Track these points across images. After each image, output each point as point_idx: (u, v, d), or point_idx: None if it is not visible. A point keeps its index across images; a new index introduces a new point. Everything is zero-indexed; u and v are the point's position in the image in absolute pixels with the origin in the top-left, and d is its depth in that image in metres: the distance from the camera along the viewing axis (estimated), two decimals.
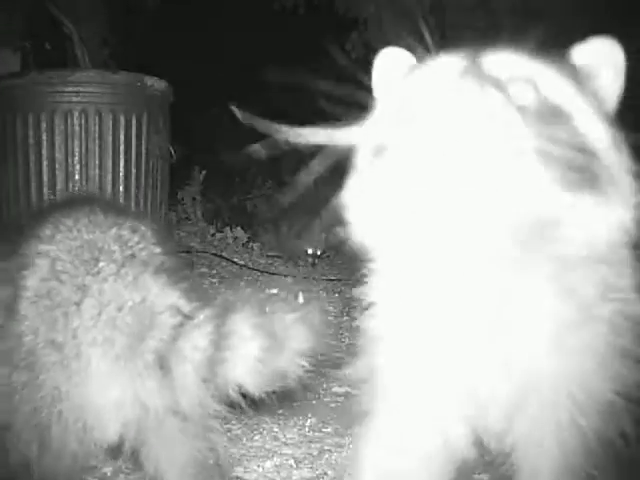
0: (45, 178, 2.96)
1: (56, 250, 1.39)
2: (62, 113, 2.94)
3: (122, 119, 3.01)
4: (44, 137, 2.93)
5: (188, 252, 4.15)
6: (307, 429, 1.97)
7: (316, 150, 0.74)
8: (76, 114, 2.95)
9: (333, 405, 2.15)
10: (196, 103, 4.57)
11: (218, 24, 5.34)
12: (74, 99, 2.95)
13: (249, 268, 4.07)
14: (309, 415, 2.06)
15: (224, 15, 5.44)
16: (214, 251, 4.34)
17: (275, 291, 1.33)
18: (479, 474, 1.44)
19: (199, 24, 5.37)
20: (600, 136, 0.68)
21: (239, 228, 4.63)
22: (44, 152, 2.95)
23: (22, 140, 2.97)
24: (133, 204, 3.05)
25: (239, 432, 2.01)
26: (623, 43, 0.74)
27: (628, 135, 0.71)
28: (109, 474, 1.91)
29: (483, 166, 0.63)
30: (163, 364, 1.32)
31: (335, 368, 1.06)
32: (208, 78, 5.03)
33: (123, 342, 1.33)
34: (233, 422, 1.97)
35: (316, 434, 1.96)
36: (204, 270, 3.97)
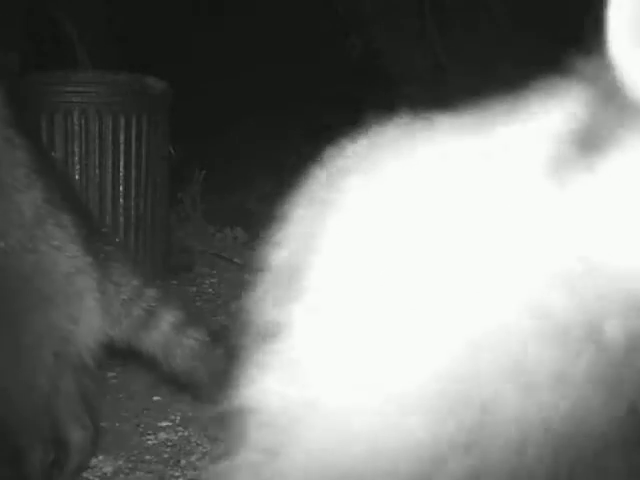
0: None
1: None
2: (62, 113, 2.94)
3: (122, 119, 3.00)
4: (44, 137, 2.93)
5: (188, 252, 4.15)
6: None
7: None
8: (76, 114, 2.94)
9: None
10: (197, 103, 4.58)
11: (219, 23, 5.34)
12: (74, 99, 2.95)
13: (249, 268, 4.06)
14: None
15: (225, 15, 5.44)
16: (214, 251, 4.34)
17: None
18: None
19: (199, 24, 5.37)
20: None
21: (239, 228, 4.63)
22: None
23: None
24: (133, 204, 3.05)
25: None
26: None
27: None
28: (109, 474, 1.91)
29: None
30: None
31: None
32: (210, 78, 5.04)
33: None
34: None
35: None
36: (204, 270, 3.97)
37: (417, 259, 0.58)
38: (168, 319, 1.86)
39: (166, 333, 1.85)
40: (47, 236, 1.75)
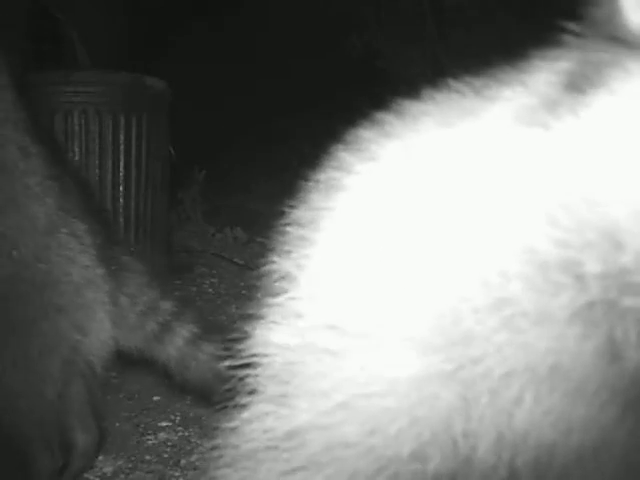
0: None
1: None
2: (62, 113, 2.94)
3: (122, 119, 3.00)
4: None
5: (188, 252, 4.15)
6: None
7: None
8: (76, 114, 2.94)
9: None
10: (197, 103, 4.57)
11: (219, 24, 5.35)
12: (74, 99, 2.95)
13: (249, 268, 4.07)
14: None
15: (225, 15, 5.44)
16: (214, 251, 4.34)
17: None
18: None
19: (199, 24, 5.37)
20: None
21: (239, 228, 4.63)
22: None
23: None
24: (133, 204, 3.05)
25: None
26: None
27: None
28: (109, 474, 1.91)
29: None
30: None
31: None
32: (209, 78, 5.04)
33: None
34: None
35: None
36: (204, 270, 3.97)
37: (414, 213, 0.61)
38: (183, 334, 1.85)
39: (181, 348, 1.84)
40: (59, 246, 1.73)
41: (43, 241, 1.72)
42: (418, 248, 0.59)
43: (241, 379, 0.67)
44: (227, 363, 0.69)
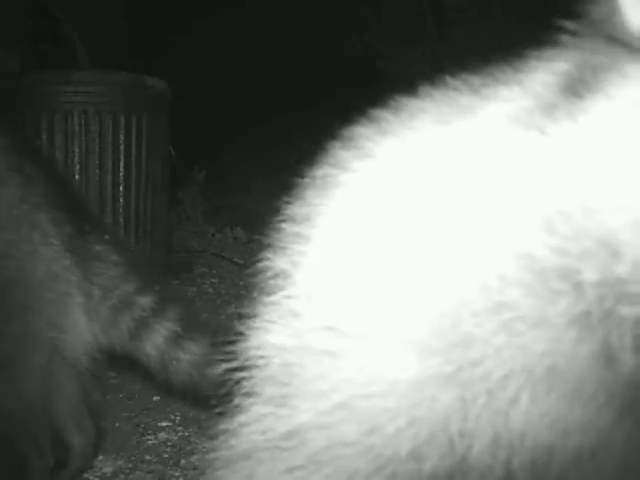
0: None
1: None
2: (62, 113, 2.94)
3: (122, 119, 3.00)
4: (44, 137, 2.93)
5: (188, 252, 4.15)
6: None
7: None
8: (76, 114, 2.94)
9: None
10: (197, 103, 4.58)
11: (219, 24, 5.35)
12: (74, 99, 2.95)
13: (249, 268, 4.06)
14: None
15: (224, 15, 5.45)
16: (214, 251, 4.34)
17: None
18: None
19: (200, 24, 5.37)
20: None
21: (239, 228, 4.63)
22: (44, 152, 2.94)
23: None
24: (133, 204, 3.05)
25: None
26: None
27: None
28: (109, 474, 1.91)
29: None
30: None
31: None
32: (209, 78, 5.04)
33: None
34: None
35: None
36: (204, 270, 3.97)
37: (411, 212, 0.61)
38: (162, 332, 1.75)
39: (160, 346, 1.75)
40: (22, 240, 1.64)
41: (6, 236, 1.63)
42: (417, 249, 0.59)
43: (238, 381, 0.67)
44: (223, 366, 0.69)
